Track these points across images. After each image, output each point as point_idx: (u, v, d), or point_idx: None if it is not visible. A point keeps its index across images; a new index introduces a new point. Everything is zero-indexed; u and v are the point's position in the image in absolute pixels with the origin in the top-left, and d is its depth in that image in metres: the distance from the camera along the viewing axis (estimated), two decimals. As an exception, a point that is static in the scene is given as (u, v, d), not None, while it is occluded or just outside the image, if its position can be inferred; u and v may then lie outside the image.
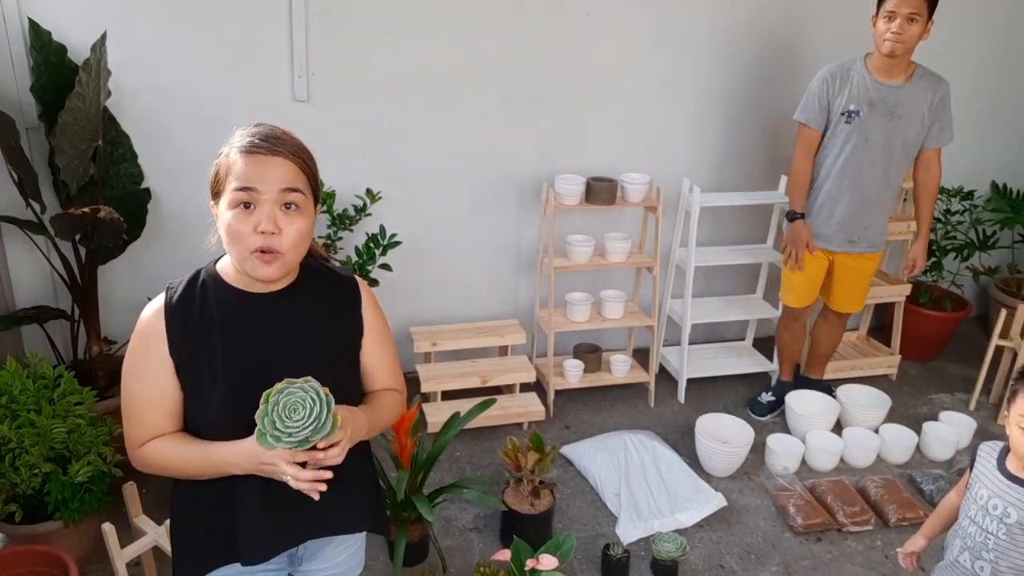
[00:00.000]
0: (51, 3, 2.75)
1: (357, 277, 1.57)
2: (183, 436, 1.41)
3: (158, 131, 3.00)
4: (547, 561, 2.21)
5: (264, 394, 1.29)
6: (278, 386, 1.30)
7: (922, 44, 2.94)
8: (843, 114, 3.04)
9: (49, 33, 2.71)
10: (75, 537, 2.43)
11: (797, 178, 3.20)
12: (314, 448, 1.32)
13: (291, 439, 1.27)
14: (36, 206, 2.74)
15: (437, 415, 3.19)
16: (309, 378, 1.31)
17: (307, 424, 1.28)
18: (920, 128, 3.01)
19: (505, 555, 2.27)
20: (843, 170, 3.09)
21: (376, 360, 1.56)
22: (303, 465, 1.33)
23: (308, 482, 1.32)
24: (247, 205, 1.32)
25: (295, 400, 1.29)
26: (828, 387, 3.61)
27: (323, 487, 1.33)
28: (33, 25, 2.70)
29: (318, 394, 1.30)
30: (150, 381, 1.38)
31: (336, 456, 1.35)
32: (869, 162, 3.05)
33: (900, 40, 2.84)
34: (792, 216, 3.22)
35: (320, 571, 1.60)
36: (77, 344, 2.98)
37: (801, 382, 3.64)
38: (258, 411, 1.29)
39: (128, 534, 2.33)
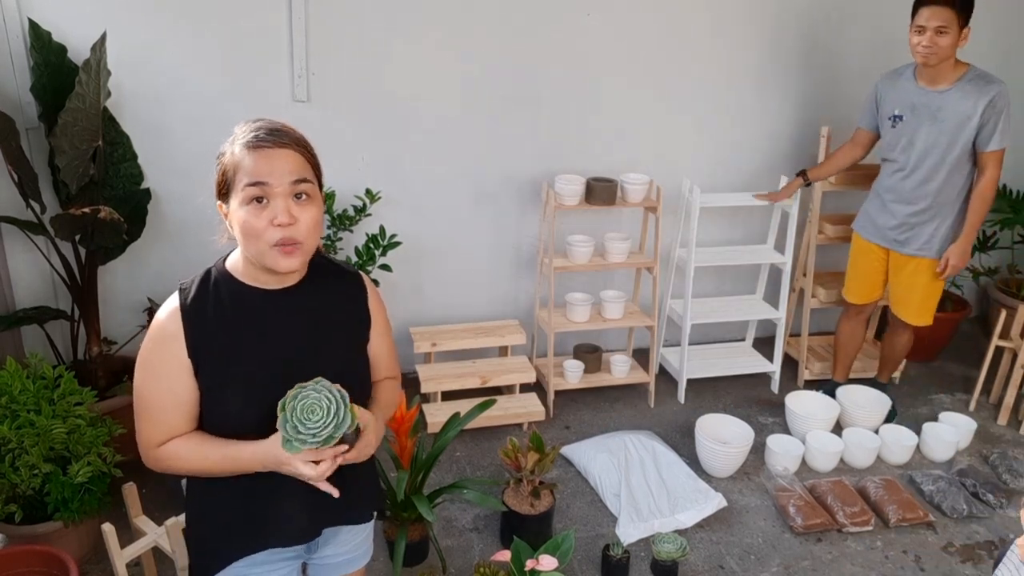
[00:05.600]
0: (51, 3, 2.75)
1: (360, 271, 1.60)
2: (201, 436, 1.42)
3: (158, 131, 3.00)
4: (547, 561, 2.21)
5: (280, 403, 1.32)
6: (291, 392, 1.33)
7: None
8: (889, 119, 3.13)
9: (49, 33, 2.71)
10: (75, 537, 2.43)
11: (837, 156, 3.40)
12: (341, 441, 1.36)
13: (315, 440, 1.31)
14: (36, 206, 2.74)
15: (437, 415, 3.19)
16: (320, 379, 1.35)
17: (328, 422, 1.32)
18: (966, 132, 2.97)
19: (505, 555, 2.27)
20: (893, 171, 3.16)
21: (379, 350, 1.60)
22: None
23: (326, 481, 1.37)
24: (260, 200, 1.33)
25: (311, 402, 1.32)
26: (886, 390, 3.61)
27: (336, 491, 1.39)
28: (33, 25, 2.70)
29: (331, 392, 1.34)
30: (168, 384, 1.38)
31: (358, 456, 1.42)
32: (914, 164, 3.08)
33: (932, 52, 2.90)
34: (803, 173, 3.45)
35: (335, 556, 1.64)
36: (77, 344, 2.98)
37: (871, 384, 3.67)
38: (278, 420, 1.32)
39: (128, 534, 2.33)
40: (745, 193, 3.74)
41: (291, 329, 1.44)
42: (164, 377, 1.38)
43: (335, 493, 1.39)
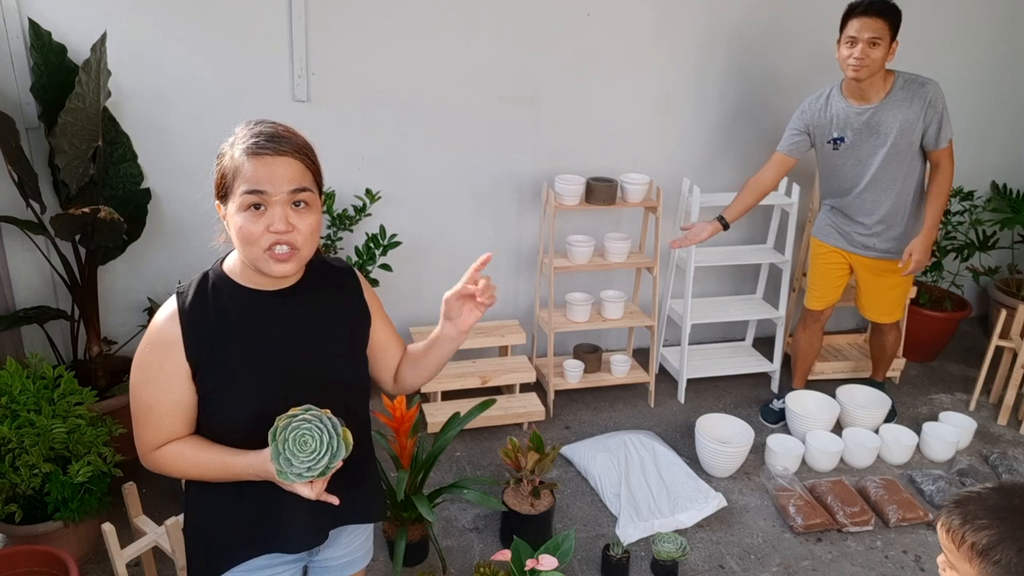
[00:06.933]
0: (51, 3, 2.75)
1: (352, 266, 1.61)
2: (198, 441, 1.41)
3: (158, 131, 3.00)
4: (547, 561, 2.21)
5: (270, 432, 1.30)
6: (280, 423, 1.30)
7: (920, 44, 2.94)
8: (828, 142, 3.07)
9: (49, 33, 2.72)
10: (75, 537, 2.43)
11: (750, 186, 3.23)
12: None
13: (311, 472, 1.29)
14: (36, 206, 2.74)
15: (437, 415, 3.19)
16: (309, 406, 1.32)
17: (322, 454, 1.29)
18: (913, 138, 2.96)
19: (505, 555, 2.27)
20: (847, 188, 3.12)
21: (387, 334, 1.61)
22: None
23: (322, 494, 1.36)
24: (257, 207, 1.32)
25: (302, 433, 1.30)
26: (884, 389, 3.61)
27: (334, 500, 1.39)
28: (33, 25, 2.70)
29: (322, 421, 1.31)
30: (166, 388, 1.38)
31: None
32: (868, 179, 3.05)
33: (864, 64, 2.84)
34: (720, 218, 3.22)
35: (336, 558, 1.64)
36: (77, 344, 2.98)
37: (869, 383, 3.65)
38: (270, 450, 1.30)
39: (128, 534, 2.33)
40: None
41: (290, 330, 1.44)
42: (163, 381, 1.37)
43: (335, 502, 1.38)
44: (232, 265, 1.44)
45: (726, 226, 3.23)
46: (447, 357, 1.60)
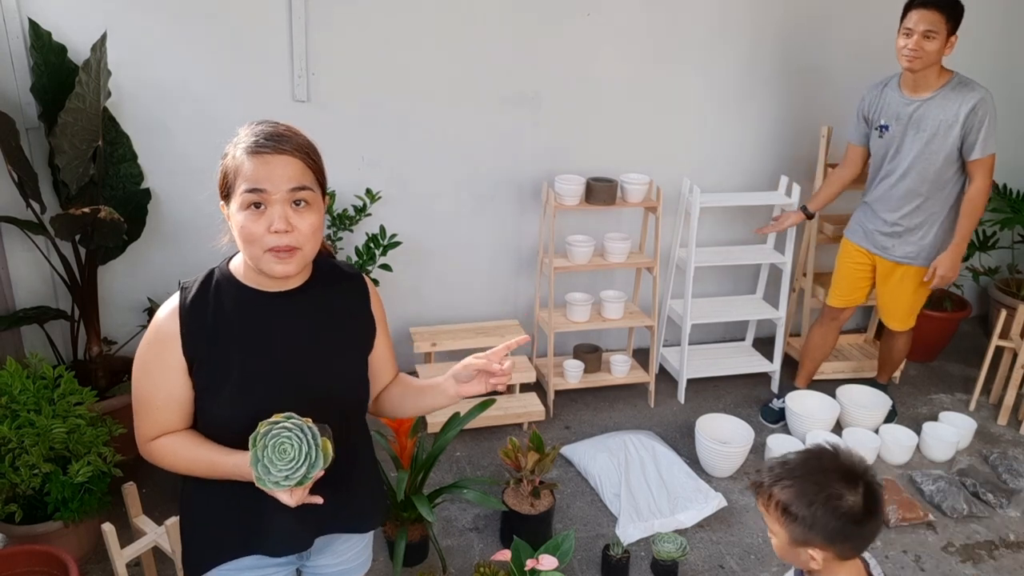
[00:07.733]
0: (51, 3, 2.75)
1: (362, 273, 1.59)
2: (192, 437, 1.41)
3: (158, 131, 3.00)
4: (547, 561, 2.21)
5: (251, 438, 1.30)
6: (261, 429, 1.30)
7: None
8: (876, 129, 3.12)
9: (49, 33, 2.72)
10: (75, 537, 2.43)
11: (830, 178, 3.43)
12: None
13: (288, 481, 1.29)
14: (36, 206, 2.74)
15: (437, 415, 3.19)
16: (291, 414, 1.32)
17: (299, 464, 1.29)
18: (949, 140, 2.94)
19: (505, 555, 2.27)
20: (880, 180, 3.14)
21: (384, 351, 1.60)
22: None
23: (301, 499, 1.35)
24: (258, 206, 1.32)
25: (281, 441, 1.29)
26: (886, 390, 3.61)
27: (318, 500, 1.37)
28: (33, 25, 2.70)
29: (302, 430, 1.30)
30: (163, 382, 1.38)
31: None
32: (900, 173, 3.05)
33: (917, 56, 2.87)
34: (803, 208, 3.46)
35: (330, 566, 1.62)
36: (77, 344, 2.98)
37: (873, 384, 3.65)
38: (249, 457, 1.30)
39: (128, 534, 2.33)
40: (745, 193, 3.75)
41: (291, 332, 1.43)
42: (158, 375, 1.38)
43: (319, 501, 1.36)
44: (237, 264, 1.44)
45: (810, 216, 3.47)
46: (434, 408, 1.62)
